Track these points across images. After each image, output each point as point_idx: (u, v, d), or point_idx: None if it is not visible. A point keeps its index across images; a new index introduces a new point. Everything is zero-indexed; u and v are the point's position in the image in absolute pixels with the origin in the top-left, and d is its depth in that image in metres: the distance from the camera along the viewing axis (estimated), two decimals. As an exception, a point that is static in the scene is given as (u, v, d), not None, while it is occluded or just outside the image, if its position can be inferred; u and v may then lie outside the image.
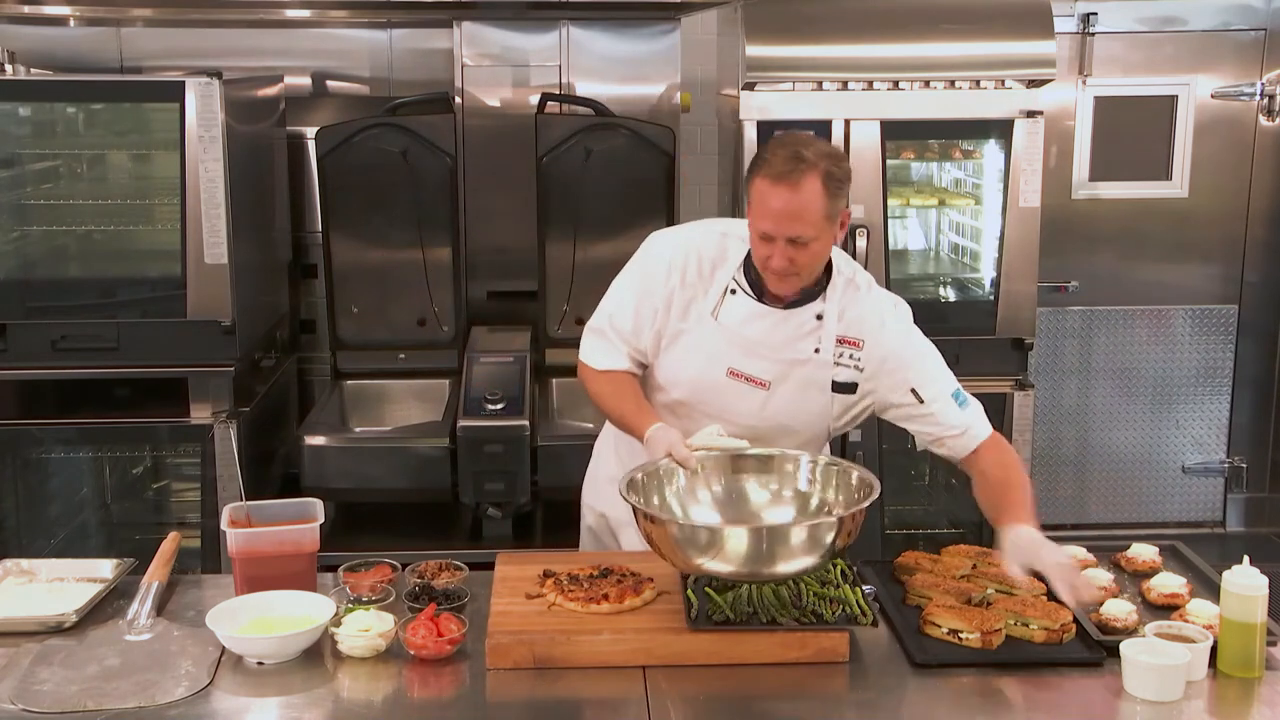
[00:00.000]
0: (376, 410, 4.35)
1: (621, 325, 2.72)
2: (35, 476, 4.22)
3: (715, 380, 2.66)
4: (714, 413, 2.64)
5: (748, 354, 2.65)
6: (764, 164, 2.50)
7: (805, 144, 2.52)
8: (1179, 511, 5.30)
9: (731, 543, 2.26)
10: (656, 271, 2.69)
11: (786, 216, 2.47)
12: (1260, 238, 5.15)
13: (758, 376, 2.65)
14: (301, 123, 4.77)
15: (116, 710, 2.12)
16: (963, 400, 2.66)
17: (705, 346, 2.66)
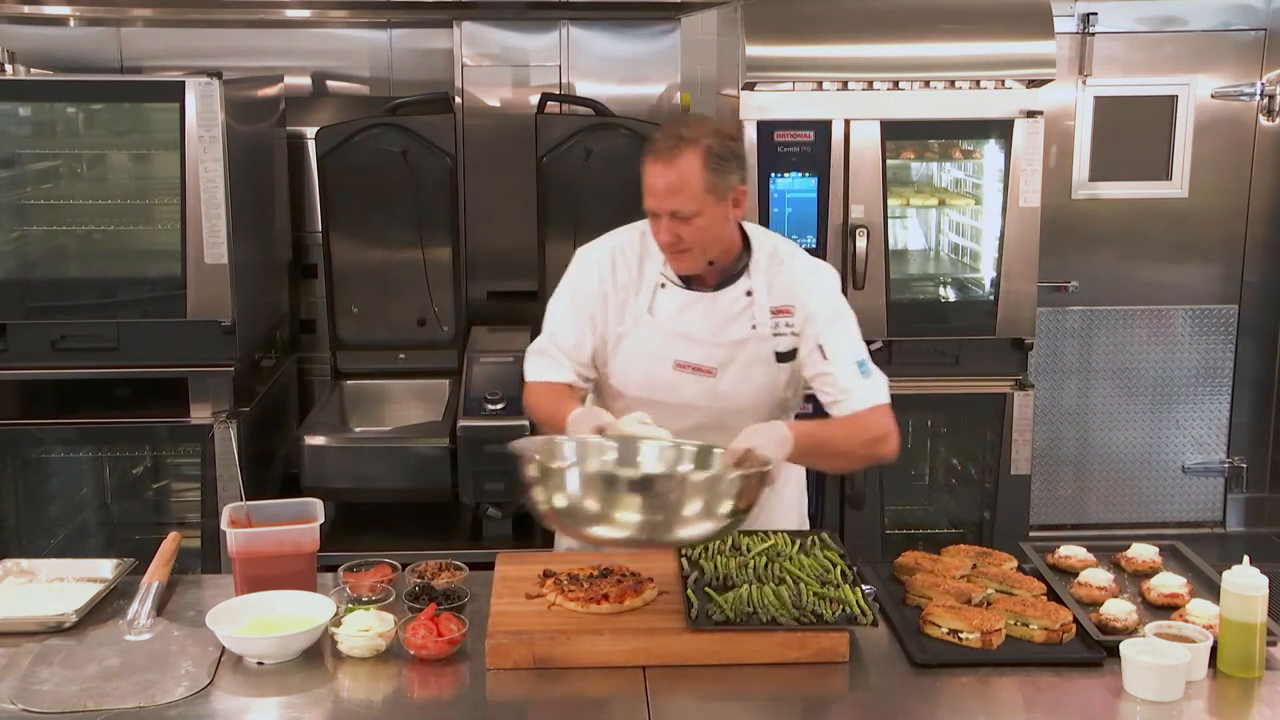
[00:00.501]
0: (376, 410, 4.35)
1: (563, 341, 2.74)
2: (35, 476, 4.22)
3: (664, 375, 2.69)
4: (673, 406, 2.66)
5: (690, 343, 2.68)
6: (649, 144, 2.59)
7: (691, 123, 2.62)
8: (1179, 511, 5.30)
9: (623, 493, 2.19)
10: (586, 281, 2.74)
11: (666, 192, 2.55)
12: (1260, 238, 5.15)
13: (703, 364, 2.68)
14: (301, 123, 4.77)
15: (116, 710, 2.12)
16: (866, 370, 2.67)
17: (647, 344, 2.70)
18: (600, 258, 2.76)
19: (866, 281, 4.07)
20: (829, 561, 2.54)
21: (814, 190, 4.06)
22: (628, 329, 2.71)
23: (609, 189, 4.33)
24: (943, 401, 4.26)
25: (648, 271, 2.72)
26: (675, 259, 2.64)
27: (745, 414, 2.66)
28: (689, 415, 2.65)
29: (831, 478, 4.17)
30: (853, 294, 4.08)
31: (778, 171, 4.06)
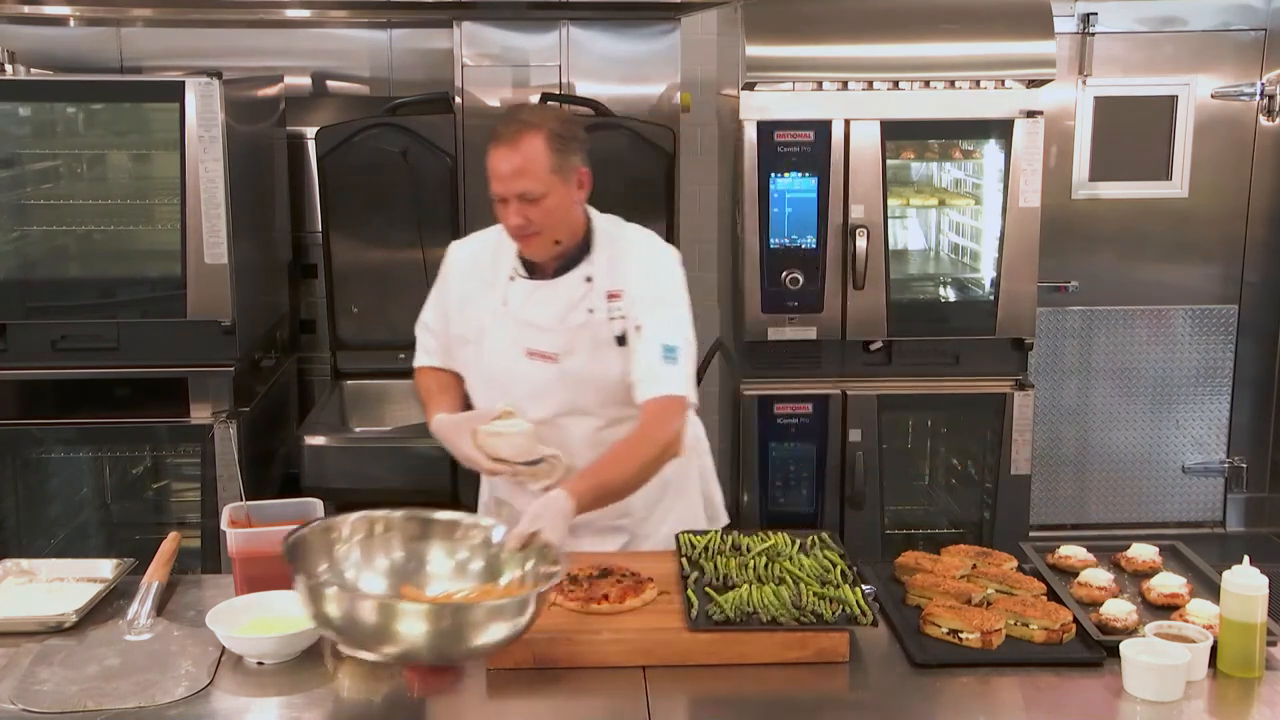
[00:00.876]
0: (376, 410, 4.35)
1: (434, 328, 2.90)
2: (35, 476, 4.22)
3: (517, 364, 2.74)
4: (529, 394, 2.72)
5: (537, 331, 2.73)
6: (493, 134, 2.62)
7: (531, 109, 2.72)
8: (1179, 511, 5.30)
9: (402, 621, 2.02)
10: (450, 275, 2.87)
11: (512, 174, 2.58)
12: (1260, 238, 5.15)
13: (548, 351, 2.73)
14: (301, 123, 4.77)
15: (116, 710, 2.12)
16: (671, 358, 2.65)
17: (503, 334, 2.75)
18: (464, 258, 2.86)
19: (866, 281, 4.07)
20: (829, 561, 2.54)
21: (814, 190, 4.06)
22: (489, 323, 2.77)
23: (609, 189, 4.30)
24: (943, 401, 4.26)
25: (502, 266, 2.78)
26: (525, 243, 2.68)
27: (599, 399, 2.72)
28: (545, 403, 2.72)
29: (832, 476, 4.17)
30: (853, 294, 4.09)
31: (778, 171, 4.06)
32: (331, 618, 2.05)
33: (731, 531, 2.72)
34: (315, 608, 2.05)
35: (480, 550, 2.32)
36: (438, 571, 2.31)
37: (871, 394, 4.17)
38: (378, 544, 2.31)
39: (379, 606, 2.05)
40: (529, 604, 2.06)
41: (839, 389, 4.17)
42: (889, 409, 4.21)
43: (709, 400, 4.98)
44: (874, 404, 4.16)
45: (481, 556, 2.31)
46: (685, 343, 2.72)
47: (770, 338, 4.13)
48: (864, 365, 4.20)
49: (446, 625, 2.03)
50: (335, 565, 2.27)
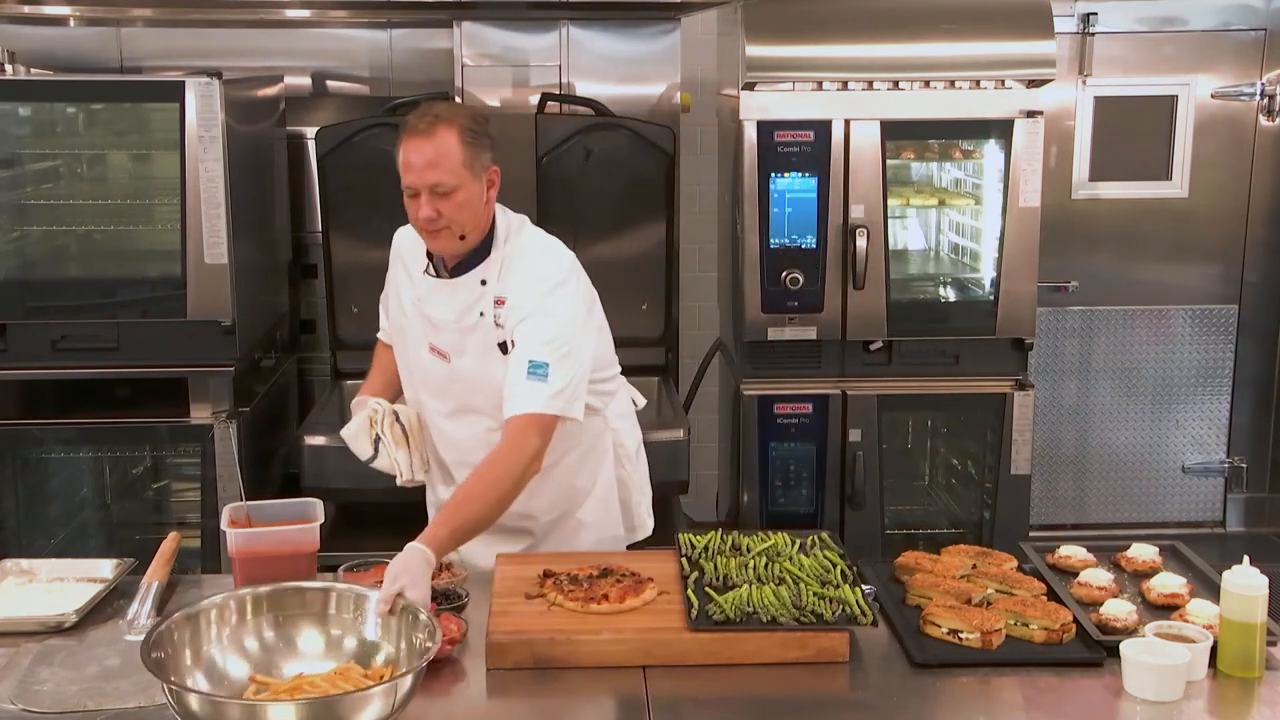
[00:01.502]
0: (376, 410, 4.34)
1: (385, 306, 2.99)
2: (35, 476, 4.22)
3: (421, 358, 2.79)
4: (432, 389, 2.79)
5: (435, 329, 2.76)
6: (405, 126, 2.63)
7: (443, 105, 2.71)
8: (1179, 511, 5.30)
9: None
10: (392, 259, 2.94)
11: (425, 166, 2.59)
12: (1260, 238, 5.15)
13: (443, 349, 2.76)
14: (301, 123, 4.77)
15: (116, 710, 2.12)
16: (538, 374, 2.57)
17: (413, 329, 2.80)
18: (401, 241, 2.92)
19: (866, 281, 4.06)
20: (829, 561, 2.54)
21: (814, 190, 4.06)
22: (408, 313, 2.82)
23: (609, 189, 4.34)
24: (943, 401, 4.26)
25: (420, 261, 2.81)
26: (433, 238, 2.67)
27: (489, 402, 2.67)
28: (443, 400, 2.78)
29: (832, 476, 4.17)
30: (853, 294, 4.09)
31: (778, 171, 4.06)
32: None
33: (731, 531, 2.73)
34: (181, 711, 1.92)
35: (352, 626, 2.19)
36: (310, 650, 2.17)
37: (871, 394, 4.17)
38: (248, 627, 2.18)
39: (244, 710, 1.93)
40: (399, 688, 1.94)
41: (839, 389, 4.17)
42: (889, 409, 4.21)
43: (709, 400, 4.99)
44: (874, 404, 4.16)
45: (354, 633, 2.18)
46: (559, 357, 2.60)
47: (770, 338, 4.13)
48: (864, 365, 4.20)
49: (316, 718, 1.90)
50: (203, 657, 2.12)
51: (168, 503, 4.58)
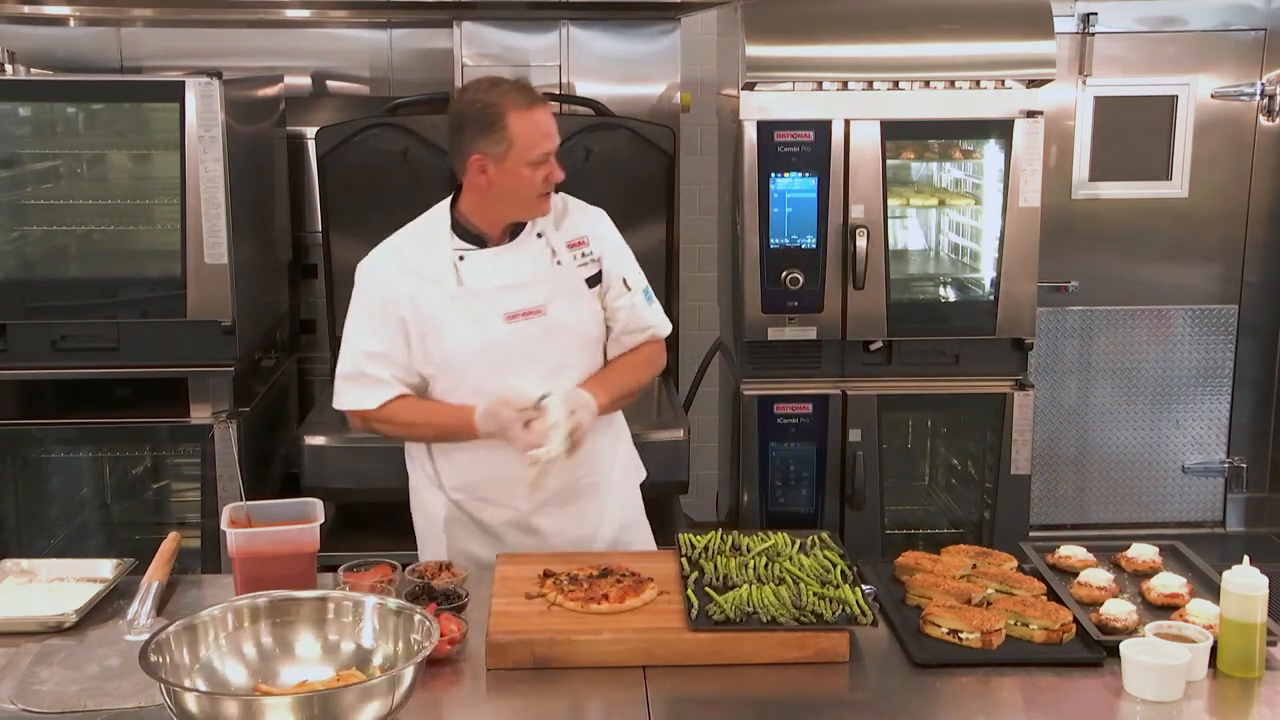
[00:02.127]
0: (376, 410, 4.34)
1: (378, 354, 2.78)
2: (35, 476, 4.22)
3: (499, 333, 2.75)
4: (516, 363, 2.72)
5: (512, 292, 2.76)
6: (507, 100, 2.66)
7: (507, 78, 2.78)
8: (1179, 511, 5.30)
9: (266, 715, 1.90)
10: (382, 290, 2.77)
11: (553, 132, 2.71)
12: (1260, 238, 5.15)
13: (531, 307, 2.77)
14: (301, 123, 4.76)
15: (116, 710, 2.12)
16: (650, 297, 2.93)
17: (470, 311, 2.74)
18: (385, 264, 2.81)
19: (866, 281, 4.06)
20: (829, 561, 2.54)
21: (814, 190, 4.06)
22: (445, 309, 2.75)
23: (609, 189, 4.31)
24: (943, 401, 4.26)
25: (441, 251, 2.78)
26: (545, 200, 2.77)
27: (579, 346, 2.82)
28: (537, 362, 2.74)
29: (832, 476, 4.17)
30: (853, 294, 4.09)
31: (778, 171, 4.06)
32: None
33: (731, 531, 2.73)
34: (178, 711, 1.92)
35: (349, 630, 2.18)
36: (307, 655, 2.17)
37: (871, 394, 4.17)
38: (245, 634, 2.17)
39: (242, 705, 1.94)
40: (400, 681, 1.94)
41: (839, 389, 4.17)
42: (889, 409, 4.21)
43: (709, 400, 4.99)
44: (874, 404, 4.17)
45: (351, 637, 2.17)
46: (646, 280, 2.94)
47: (770, 338, 4.13)
48: (864, 365, 4.20)
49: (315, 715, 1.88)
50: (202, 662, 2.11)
51: (168, 503, 4.58)
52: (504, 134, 2.64)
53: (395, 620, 2.14)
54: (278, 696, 1.92)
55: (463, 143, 2.70)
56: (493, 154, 2.66)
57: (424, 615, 2.11)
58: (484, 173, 2.69)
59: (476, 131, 2.67)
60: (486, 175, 2.69)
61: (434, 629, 2.06)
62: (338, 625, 2.18)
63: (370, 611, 2.17)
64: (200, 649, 2.10)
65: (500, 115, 2.64)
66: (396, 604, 2.16)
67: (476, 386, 2.73)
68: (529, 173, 2.68)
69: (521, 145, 2.65)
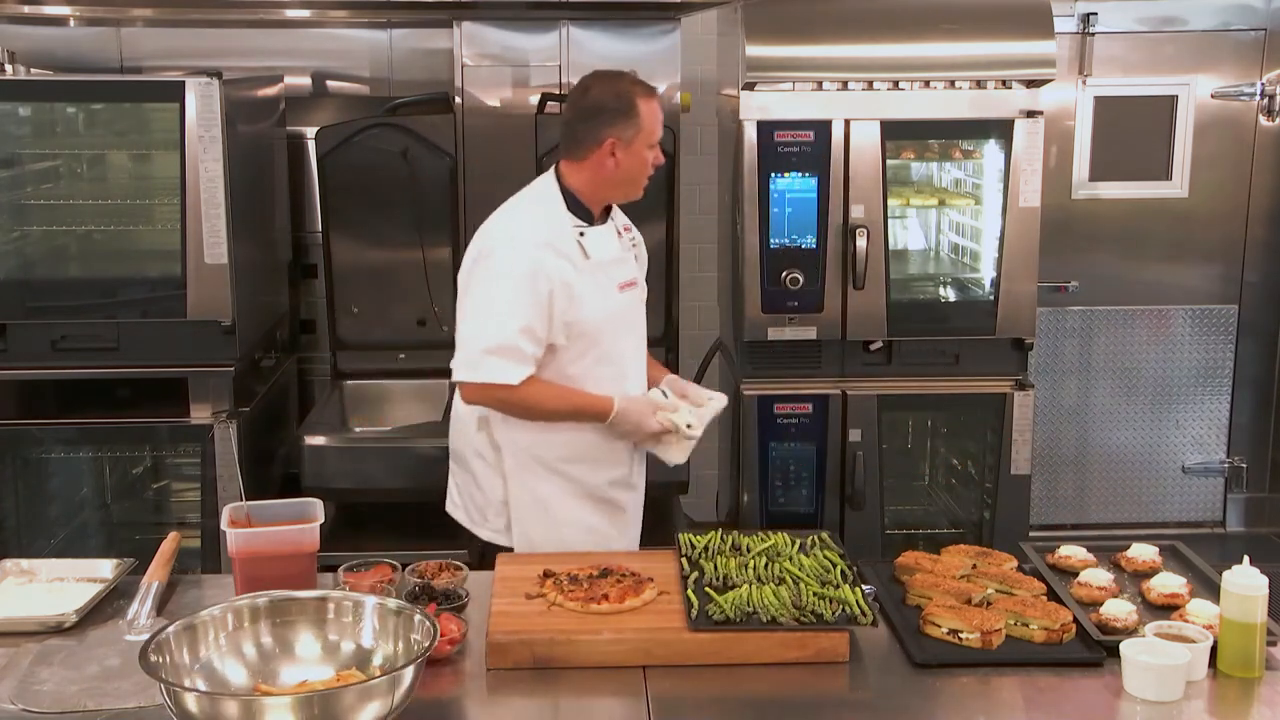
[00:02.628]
0: (376, 410, 4.35)
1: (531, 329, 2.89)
2: (35, 476, 4.22)
3: (615, 301, 3.04)
4: (622, 328, 3.05)
5: (618, 265, 3.07)
6: (636, 90, 2.97)
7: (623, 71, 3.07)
8: (1179, 511, 5.30)
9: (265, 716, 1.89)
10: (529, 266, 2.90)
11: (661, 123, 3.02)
12: (1260, 238, 5.15)
13: (631, 278, 3.11)
14: (301, 123, 4.77)
15: (116, 710, 2.12)
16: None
17: (595, 282, 2.99)
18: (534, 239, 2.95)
19: (866, 281, 4.06)
20: (829, 561, 2.54)
21: (814, 190, 4.06)
22: (578, 280, 2.95)
23: (609, 189, 4.33)
24: (943, 401, 4.26)
25: (565, 228, 2.99)
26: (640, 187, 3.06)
27: (645, 323, 3.18)
28: (634, 332, 3.11)
29: (832, 476, 4.17)
30: (853, 294, 4.09)
31: (778, 171, 4.06)
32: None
33: (731, 531, 2.73)
34: (178, 711, 1.92)
35: (349, 630, 2.18)
36: (307, 655, 2.17)
37: (871, 394, 4.17)
38: (245, 634, 2.17)
39: (242, 705, 1.93)
40: (400, 681, 1.94)
41: (839, 389, 4.17)
42: (889, 409, 4.21)
43: (709, 400, 4.98)
44: (874, 404, 4.16)
45: (351, 637, 2.18)
46: None
47: (770, 338, 4.13)
48: (864, 365, 4.20)
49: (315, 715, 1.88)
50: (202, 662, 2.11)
51: (168, 503, 4.58)
52: (636, 120, 2.94)
53: (395, 620, 2.14)
54: (278, 696, 1.92)
55: (597, 127, 2.94)
56: (624, 138, 2.94)
57: (424, 615, 2.11)
58: (614, 155, 2.96)
59: (612, 118, 2.94)
60: (615, 158, 2.96)
61: (434, 629, 2.07)
62: (338, 625, 2.18)
63: (370, 611, 2.17)
64: (200, 649, 2.10)
65: (633, 102, 2.94)
66: (396, 604, 2.17)
67: (601, 353, 3.00)
68: (648, 155, 2.99)
69: (647, 130, 2.96)
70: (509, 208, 3.07)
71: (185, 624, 2.11)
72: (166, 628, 2.08)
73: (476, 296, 2.95)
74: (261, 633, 2.17)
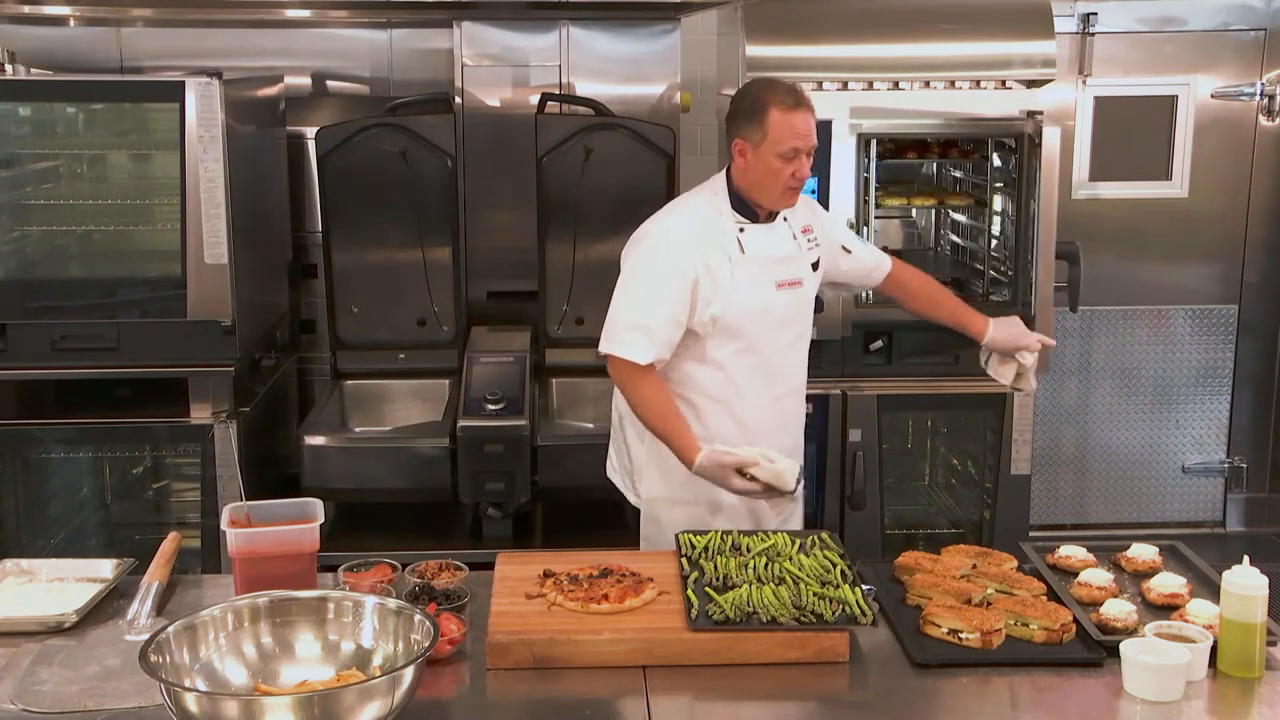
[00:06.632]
0: (376, 410, 4.35)
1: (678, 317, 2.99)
2: (35, 476, 4.22)
3: (770, 298, 3.08)
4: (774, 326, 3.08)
5: (781, 264, 3.11)
6: (774, 98, 2.97)
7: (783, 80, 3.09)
8: (1179, 511, 5.30)
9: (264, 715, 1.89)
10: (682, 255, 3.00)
11: (810, 132, 3.00)
12: (1260, 238, 5.15)
13: (795, 278, 3.13)
14: (301, 123, 4.76)
15: (116, 710, 2.12)
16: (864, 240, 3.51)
17: (750, 277, 3.04)
18: (687, 229, 3.05)
19: (866, 281, 4.06)
20: (829, 561, 2.54)
21: (814, 190, 4.06)
22: (730, 273, 3.01)
23: (609, 189, 4.33)
24: (943, 401, 4.26)
25: (725, 223, 3.06)
26: (793, 194, 3.06)
27: (808, 318, 3.21)
28: (790, 328, 3.14)
29: (831, 477, 4.17)
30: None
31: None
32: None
33: (731, 531, 2.73)
34: (178, 711, 1.92)
35: (349, 630, 2.18)
36: (307, 655, 2.17)
37: (871, 394, 4.17)
38: (245, 634, 2.17)
39: (242, 705, 1.93)
40: (400, 681, 1.94)
41: (839, 389, 4.17)
42: (889, 409, 4.21)
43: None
44: (874, 404, 4.16)
45: (351, 637, 2.18)
46: None
47: (770, 338, 4.12)
48: (864, 365, 4.20)
49: (315, 715, 1.88)
50: (202, 662, 2.11)
51: (168, 503, 4.58)
52: (763, 126, 2.96)
53: (395, 620, 2.14)
54: (278, 696, 1.92)
55: (731, 127, 3.05)
56: (751, 141, 2.99)
57: (424, 615, 2.11)
58: (743, 156, 3.02)
59: (743, 120, 3.01)
60: (745, 159, 3.02)
61: (434, 629, 2.06)
62: (338, 625, 2.19)
63: (370, 611, 2.17)
64: (200, 649, 2.10)
65: (764, 109, 2.96)
66: (396, 604, 2.17)
67: (745, 345, 3.06)
68: (778, 164, 2.97)
69: (774, 138, 2.96)
70: (681, 197, 3.27)
71: (185, 624, 2.11)
72: (166, 628, 2.08)
73: (627, 278, 3.07)
74: (261, 633, 2.17)
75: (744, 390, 3.09)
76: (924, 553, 2.68)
